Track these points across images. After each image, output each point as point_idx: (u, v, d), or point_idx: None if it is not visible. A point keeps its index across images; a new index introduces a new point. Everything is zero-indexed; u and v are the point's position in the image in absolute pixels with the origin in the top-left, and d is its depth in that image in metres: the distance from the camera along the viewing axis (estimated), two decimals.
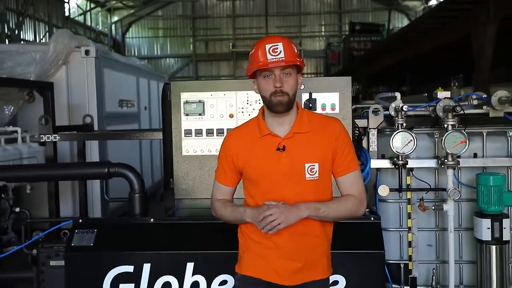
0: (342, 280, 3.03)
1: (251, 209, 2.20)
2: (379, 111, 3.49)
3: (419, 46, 9.92)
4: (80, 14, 21.44)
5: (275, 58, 2.10)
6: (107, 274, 3.12)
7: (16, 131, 5.19)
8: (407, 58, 11.64)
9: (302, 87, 3.24)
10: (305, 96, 3.29)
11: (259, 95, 2.24)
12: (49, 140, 3.65)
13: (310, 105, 3.27)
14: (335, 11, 25.46)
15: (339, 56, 23.43)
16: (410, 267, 3.54)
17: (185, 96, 3.31)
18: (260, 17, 25.18)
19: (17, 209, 3.52)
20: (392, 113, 3.43)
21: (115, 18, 25.02)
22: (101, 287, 3.13)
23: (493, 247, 3.26)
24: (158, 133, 3.88)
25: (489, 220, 3.24)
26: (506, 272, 3.31)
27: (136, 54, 25.04)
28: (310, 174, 2.18)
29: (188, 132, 3.32)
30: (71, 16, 20.58)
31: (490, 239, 3.25)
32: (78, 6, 21.34)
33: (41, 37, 17.85)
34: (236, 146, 2.27)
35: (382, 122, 3.50)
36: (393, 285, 3.51)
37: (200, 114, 3.30)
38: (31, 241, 3.42)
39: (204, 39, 25.65)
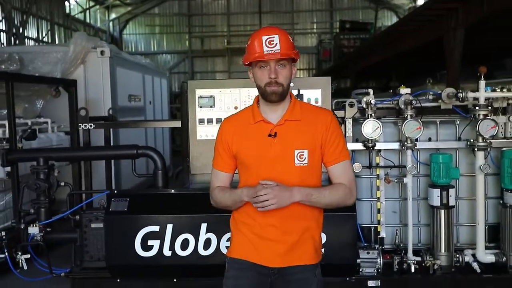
0: (323, 236, 3.86)
1: (248, 188, 2.23)
2: (354, 104, 4.34)
3: (403, 45, 10.74)
4: (80, 12, 22.12)
5: (271, 50, 2.15)
6: (138, 233, 3.94)
7: (47, 122, 6.03)
8: (392, 56, 12.45)
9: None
10: (294, 92, 4.12)
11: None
12: (86, 128, 4.44)
13: (298, 99, 4.10)
14: (326, 9, 26.25)
15: (330, 53, 24.19)
16: (379, 230, 4.39)
17: (199, 92, 4.14)
18: (254, 15, 25.87)
19: (62, 183, 4.34)
20: (364, 106, 4.28)
21: (113, 15, 25.68)
22: (133, 243, 3.95)
23: (442, 211, 4.13)
24: (177, 122, 4.71)
25: (439, 190, 4.11)
26: (452, 231, 4.19)
27: (133, 50, 25.70)
28: (299, 160, 2.24)
29: (201, 121, 4.15)
30: (71, 14, 21.24)
31: (440, 205, 4.12)
32: (77, 3, 21.98)
33: (44, 35, 18.51)
34: (231, 132, 2.34)
35: (356, 113, 4.33)
36: (365, 244, 4.37)
37: (211, 106, 4.13)
38: (74, 208, 4.25)
39: (199, 36, 26.33)
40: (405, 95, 4.22)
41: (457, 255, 4.19)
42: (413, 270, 4.14)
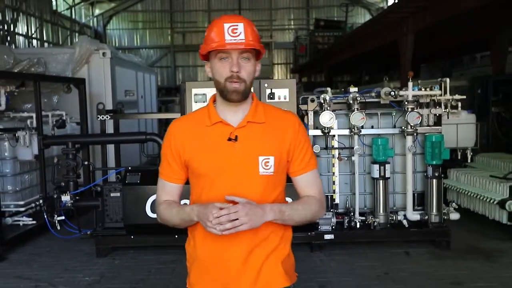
0: (289, 201, 5.13)
1: (199, 206, 1.86)
2: (314, 100, 5.58)
3: (367, 45, 12.04)
4: (67, 9, 22.94)
5: (234, 40, 1.81)
6: (148, 199, 5.07)
7: (62, 114, 7.14)
8: (360, 54, 13.76)
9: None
10: (268, 91, 5.34)
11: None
12: (103, 119, 5.60)
13: (271, 96, 5.34)
14: (303, 6, 27.56)
15: (306, 48, 25.44)
16: (334, 197, 5.67)
17: (194, 90, 5.34)
18: (233, 11, 26.88)
19: (86, 162, 5.50)
20: (322, 101, 5.52)
21: (97, 11, 26.50)
22: (144, 208, 5.11)
23: (380, 181, 5.42)
24: (176, 114, 5.89)
25: (378, 165, 5.39)
26: (388, 197, 5.48)
27: (117, 45, 26.57)
28: (264, 169, 1.91)
29: None
30: (58, 10, 22.05)
31: (379, 177, 5.40)
32: (64, 0, 22.79)
33: (33, 32, 19.34)
34: (182, 135, 1.97)
35: (316, 106, 5.56)
36: None
37: (204, 102, 5.32)
38: (96, 182, 5.41)
39: (181, 31, 27.35)
40: (353, 93, 5.48)
41: (392, 215, 5.49)
42: (358, 226, 5.43)
